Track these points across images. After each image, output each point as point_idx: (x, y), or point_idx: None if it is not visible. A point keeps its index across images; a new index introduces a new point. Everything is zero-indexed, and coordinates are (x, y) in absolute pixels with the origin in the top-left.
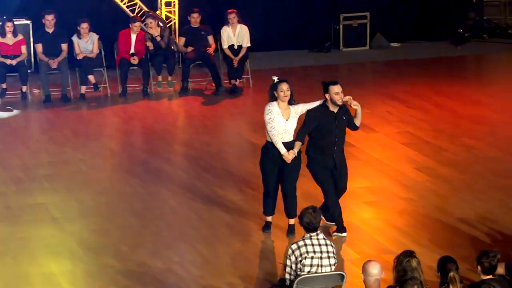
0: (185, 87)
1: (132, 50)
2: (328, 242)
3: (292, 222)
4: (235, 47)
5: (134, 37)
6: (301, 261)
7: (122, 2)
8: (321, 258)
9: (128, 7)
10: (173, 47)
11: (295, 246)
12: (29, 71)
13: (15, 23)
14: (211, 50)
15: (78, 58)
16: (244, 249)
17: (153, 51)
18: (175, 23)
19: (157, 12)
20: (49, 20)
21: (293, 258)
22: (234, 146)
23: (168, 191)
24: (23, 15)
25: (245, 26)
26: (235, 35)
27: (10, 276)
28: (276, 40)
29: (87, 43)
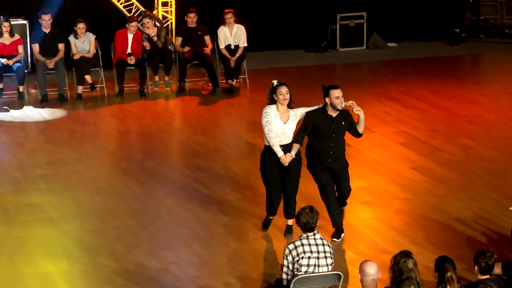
0: (182, 87)
1: (129, 50)
2: (325, 242)
3: (290, 222)
4: (232, 47)
5: (131, 37)
6: (298, 261)
7: (119, 2)
8: (318, 258)
9: (124, 7)
10: (170, 47)
11: (292, 246)
12: (26, 71)
13: (12, 23)
14: (208, 50)
15: (75, 58)
16: (241, 249)
17: (150, 51)
18: (171, 23)
19: (154, 12)
20: (46, 20)
21: (290, 258)
22: (231, 146)
23: (165, 191)
24: (20, 15)
25: (242, 26)
26: (232, 35)
27: (6, 276)
28: (273, 40)
29: (84, 43)
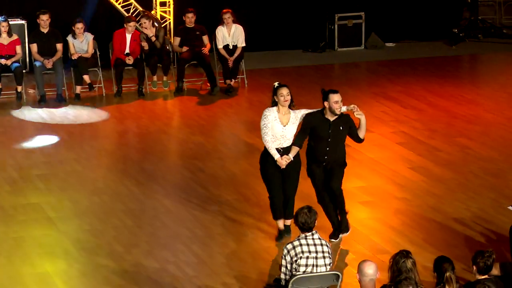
0: (180, 87)
1: (127, 50)
2: (324, 242)
3: (288, 222)
4: (230, 47)
5: (129, 37)
6: (296, 261)
7: (117, 2)
8: (316, 258)
9: (123, 7)
10: (168, 47)
11: (290, 246)
12: (24, 71)
13: (10, 23)
14: (206, 50)
15: (73, 58)
16: (239, 249)
17: (148, 51)
18: (170, 23)
19: (152, 12)
20: (44, 20)
21: (288, 258)
22: (229, 146)
23: (163, 191)
24: (18, 15)
25: (240, 26)
26: (230, 35)
27: (4, 276)
28: (271, 40)
29: (82, 43)
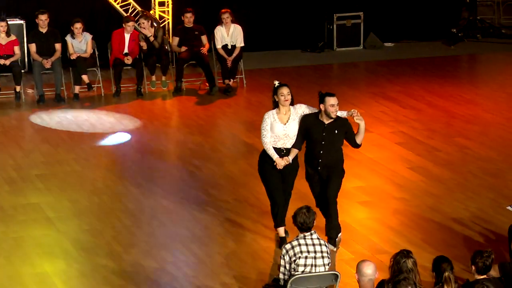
0: (178, 87)
1: (126, 50)
2: (322, 242)
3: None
4: (229, 47)
5: (127, 37)
6: (295, 261)
7: (115, 2)
8: (315, 258)
9: (121, 7)
10: (166, 47)
11: (289, 246)
12: (22, 71)
13: (9, 23)
14: (204, 50)
15: (71, 58)
16: (238, 249)
17: (147, 51)
18: (168, 23)
19: (151, 12)
20: (43, 20)
21: (287, 258)
22: (227, 146)
23: (162, 191)
24: (17, 15)
25: (238, 26)
26: (229, 35)
27: (3, 276)
28: (269, 40)
29: (80, 43)
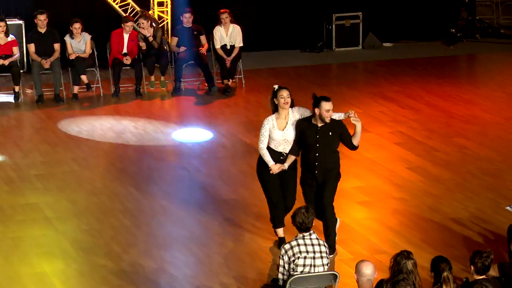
0: (177, 87)
1: (125, 50)
2: (321, 242)
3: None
4: (228, 47)
5: (126, 37)
6: (294, 261)
7: (114, 2)
8: (314, 258)
9: (120, 7)
10: (165, 47)
11: (288, 246)
12: (21, 71)
13: (8, 23)
14: (203, 50)
15: (70, 58)
16: (237, 249)
17: (146, 51)
18: (167, 23)
19: (150, 12)
20: (42, 20)
21: (286, 258)
22: (226, 146)
23: (161, 191)
24: (16, 15)
25: (237, 26)
26: (228, 35)
27: (2, 276)
28: (268, 40)
29: (79, 43)
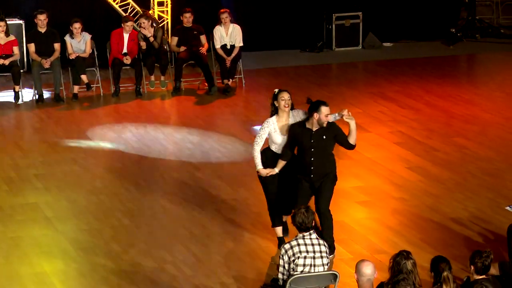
0: (177, 87)
1: (125, 50)
2: (321, 242)
3: (284, 219)
4: (228, 47)
5: (126, 36)
6: (294, 260)
7: (114, 1)
8: (314, 257)
9: (120, 7)
10: (165, 46)
11: (287, 246)
12: (21, 71)
13: (8, 22)
14: (203, 50)
15: (70, 58)
16: (236, 248)
17: (146, 50)
18: (167, 22)
19: (150, 12)
20: (42, 20)
21: (286, 258)
22: (226, 146)
23: (161, 191)
24: (16, 15)
25: (237, 26)
26: (228, 34)
27: (1, 276)
28: (268, 40)
29: (79, 42)
